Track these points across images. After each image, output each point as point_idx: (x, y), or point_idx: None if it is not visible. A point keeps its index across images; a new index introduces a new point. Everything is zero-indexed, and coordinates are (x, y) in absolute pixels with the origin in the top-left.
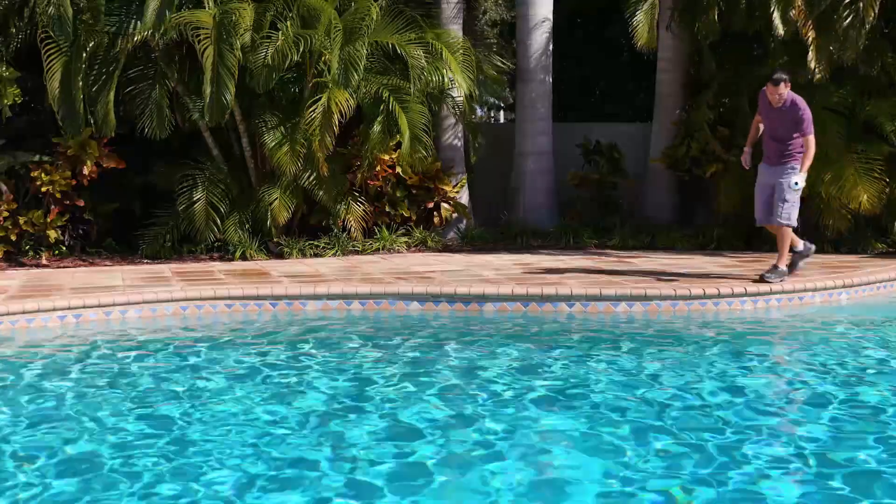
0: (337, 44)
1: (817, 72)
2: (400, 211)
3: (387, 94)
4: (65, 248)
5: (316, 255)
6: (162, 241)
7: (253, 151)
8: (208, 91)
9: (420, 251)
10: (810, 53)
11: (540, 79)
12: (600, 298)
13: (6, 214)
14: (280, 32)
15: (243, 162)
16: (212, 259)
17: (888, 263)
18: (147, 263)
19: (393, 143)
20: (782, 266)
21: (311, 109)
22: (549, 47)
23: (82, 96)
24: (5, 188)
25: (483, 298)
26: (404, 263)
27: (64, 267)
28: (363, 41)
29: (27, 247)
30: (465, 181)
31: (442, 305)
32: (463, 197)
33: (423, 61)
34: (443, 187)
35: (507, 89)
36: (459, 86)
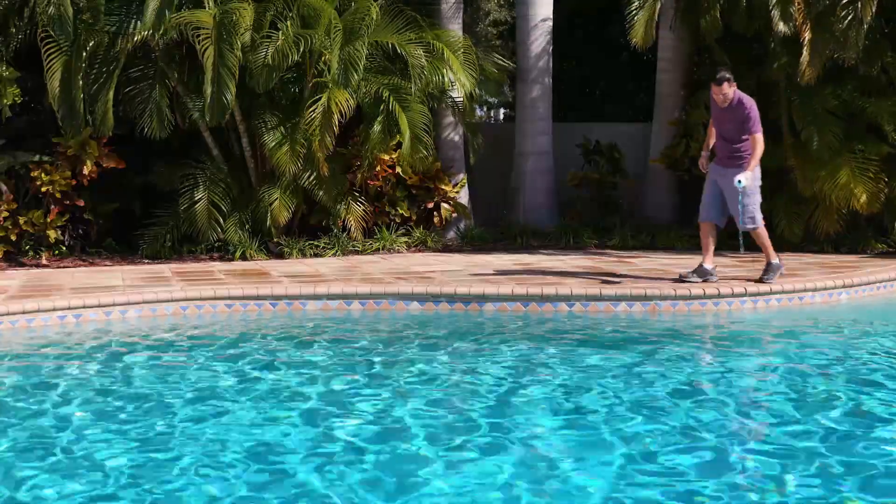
0: (337, 44)
1: (807, 73)
2: (400, 211)
3: (387, 94)
4: (65, 248)
5: (316, 255)
6: (162, 241)
7: (253, 151)
8: (208, 91)
9: (420, 251)
10: (804, 53)
11: (540, 79)
12: (600, 298)
13: (6, 214)
14: (280, 32)
15: (243, 162)
16: (212, 259)
17: (888, 263)
18: (147, 263)
19: (393, 143)
20: (774, 261)
21: (311, 109)
22: (549, 47)
23: (82, 96)
24: (5, 188)
25: (483, 298)
26: (404, 263)
27: (64, 267)
28: (363, 41)
29: (27, 247)
30: (465, 181)
31: (442, 305)
32: (463, 197)
33: (424, 61)
34: (443, 187)
35: (507, 89)
36: (461, 85)
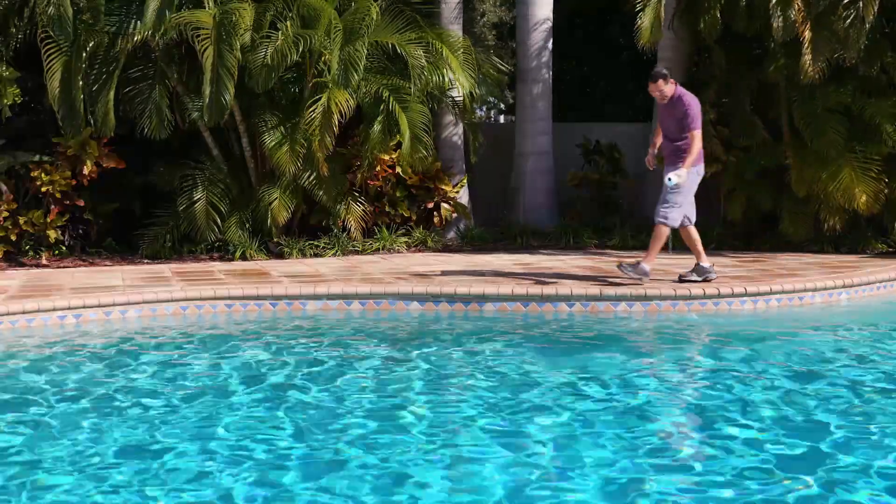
0: (337, 44)
1: (810, 71)
2: (400, 211)
3: (387, 94)
4: (65, 248)
5: (316, 255)
6: (162, 241)
7: (253, 151)
8: (207, 91)
9: (420, 251)
10: (805, 52)
11: (540, 79)
12: (600, 298)
13: (6, 214)
14: (280, 32)
15: (243, 162)
16: (212, 259)
17: (888, 263)
18: (147, 263)
19: (393, 143)
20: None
21: (311, 109)
22: (549, 47)
23: (82, 96)
24: (5, 188)
25: (483, 298)
26: (404, 263)
27: (64, 267)
28: (363, 41)
29: (27, 247)
30: (465, 181)
31: (442, 305)
32: (463, 197)
33: (424, 61)
34: (443, 187)
35: (507, 89)
36: (461, 86)
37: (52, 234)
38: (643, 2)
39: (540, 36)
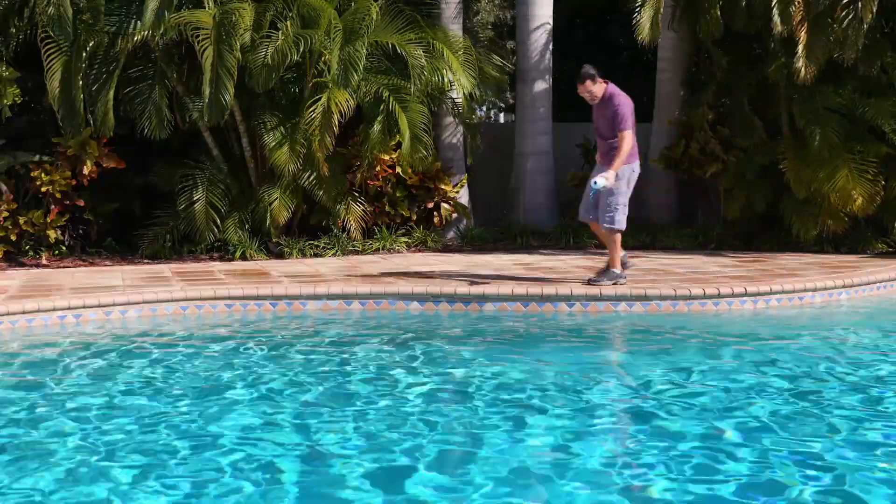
0: (337, 44)
1: (803, 72)
2: (400, 211)
3: (387, 94)
4: (65, 248)
5: (316, 255)
6: (162, 241)
7: (253, 151)
8: (207, 91)
9: (420, 251)
10: (799, 52)
11: (540, 79)
12: (600, 298)
13: (6, 214)
14: (280, 32)
15: (243, 162)
16: (212, 259)
17: (888, 263)
18: (147, 263)
19: (393, 143)
20: (615, 269)
21: (311, 109)
22: (549, 47)
23: (82, 96)
24: (5, 188)
25: (483, 298)
26: (404, 263)
27: (64, 267)
28: (363, 41)
29: (27, 247)
30: (465, 181)
31: (442, 305)
32: (463, 197)
33: (423, 61)
34: (443, 187)
35: (508, 89)
36: (461, 86)
37: (52, 234)
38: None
39: (540, 36)
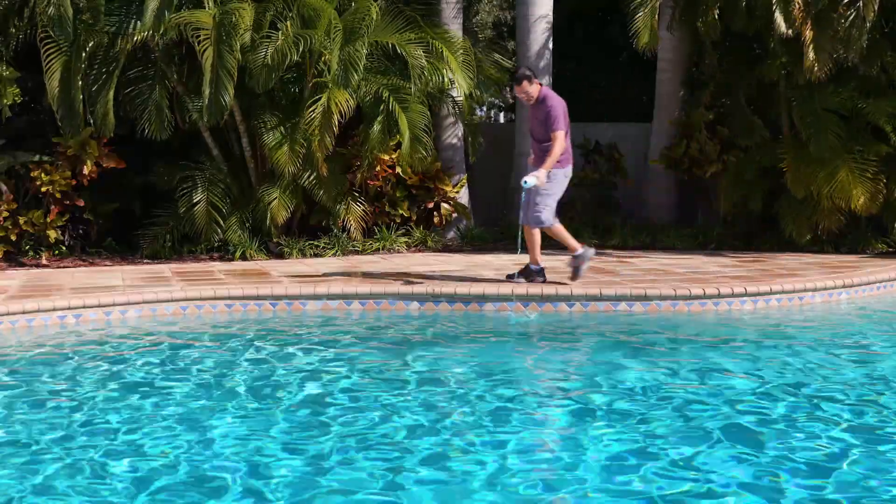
0: (337, 44)
1: (816, 69)
2: (400, 211)
3: (387, 94)
4: (65, 248)
5: (316, 255)
6: (162, 242)
7: (253, 151)
8: (207, 91)
9: (420, 251)
10: (808, 52)
11: (540, 79)
12: (600, 298)
13: (6, 214)
14: (280, 32)
15: (243, 162)
16: (212, 259)
17: (888, 263)
18: (147, 263)
19: (393, 143)
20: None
21: (311, 109)
22: (549, 47)
23: (82, 96)
24: (5, 188)
25: (483, 298)
26: (404, 263)
27: (64, 267)
28: (363, 41)
29: (27, 247)
30: (465, 181)
31: (442, 305)
32: (463, 197)
33: (423, 61)
34: (443, 187)
35: (508, 90)
36: (459, 86)
37: (52, 234)
38: (640, 5)
39: (540, 36)
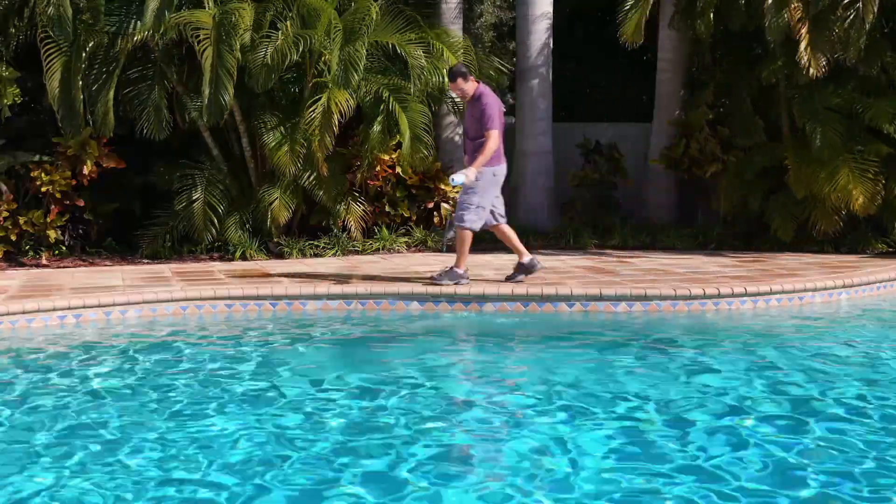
0: (337, 44)
1: (812, 70)
2: (400, 211)
3: (387, 94)
4: (65, 248)
5: (316, 256)
6: (162, 241)
7: (253, 151)
8: (207, 91)
9: (420, 251)
10: (802, 50)
11: (540, 79)
12: (600, 298)
13: (6, 214)
14: (280, 32)
15: (243, 162)
16: (212, 259)
17: (888, 263)
18: (147, 263)
19: (393, 143)
20: (459, 269)
21: (311, 109)
22: (549, 47)
23: (82, 96)
24: (5, 188)
25: (483, 298)
26: (404, 263)
27: (64, 267)
28: (363, 41)
29: (27, 247)
30: None
31: (442, 305)
32: None
33: (423, 61)
34: (443, 187)
35: (507, 90)
36: None
37: (52, 234)
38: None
39: (540, 36)
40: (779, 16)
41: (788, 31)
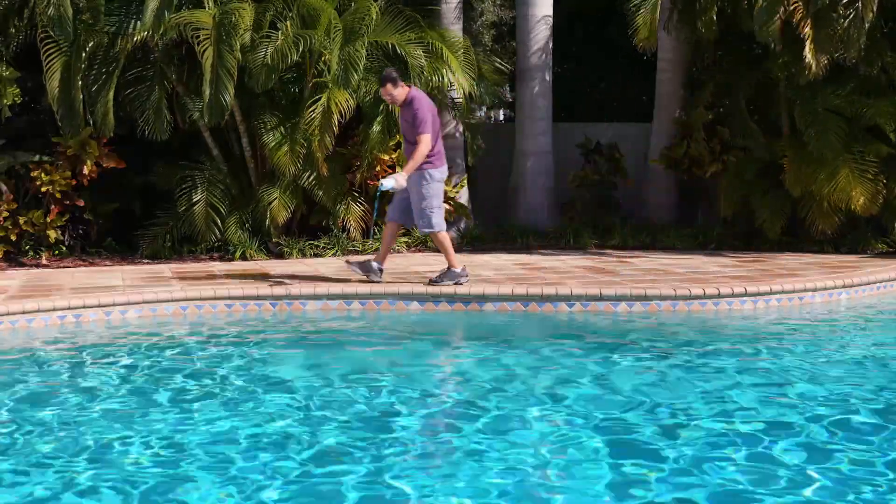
0: (337, 44)
1: (815, 68)
2: None
3: None
4: (65, 248)
5: (316, 255)
6: (162, 242)
7: (253, 151)
8: (207, 92)
9: (420, 251)
10: (807, 50)
11: (540, 78)
12: (600, 298)
13: (6, 214)
14: (280, 32)
15: (243, 162)
16: (212, 259)
17: (888, 263)
18: (147, 263)
19: (393, 143)
20: (456, 269)
21: (311, 109)
22: (549, 47)
23: (82, 96)
24: (5, 188)
25: (483, 298)
26: (404, 263)
27: (64, 267)
28: (363, 41)
29: (27, 247)
30: (465, 181)
31: (442, 305)
32: (463, 197)
33: (423, 61)
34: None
35: (507, 90)
36: (460, 86)
37: (52, 234)
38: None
39: (540, 36)
40: (771, 21)
41: (788, 31)
